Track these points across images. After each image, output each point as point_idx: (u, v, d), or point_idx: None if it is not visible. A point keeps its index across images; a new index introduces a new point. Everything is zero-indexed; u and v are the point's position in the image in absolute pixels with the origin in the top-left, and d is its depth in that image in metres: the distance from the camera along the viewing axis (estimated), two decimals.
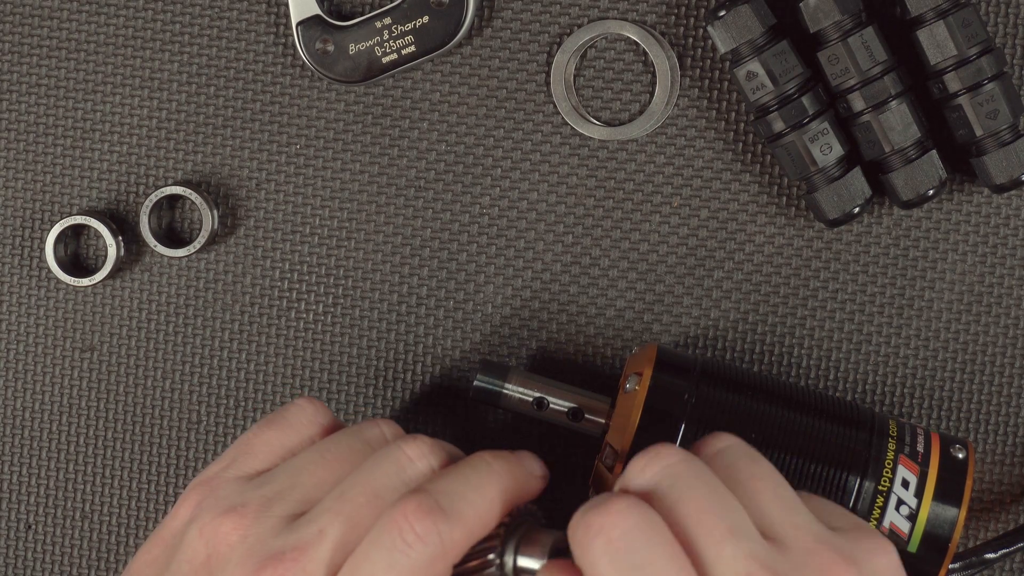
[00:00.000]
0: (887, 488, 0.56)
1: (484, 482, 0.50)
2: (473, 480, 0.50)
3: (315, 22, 0.62)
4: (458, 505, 0.49)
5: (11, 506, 0.66)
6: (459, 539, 0.49)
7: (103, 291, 0.65)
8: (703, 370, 0.58)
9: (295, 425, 0.55)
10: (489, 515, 0.50)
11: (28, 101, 0.65)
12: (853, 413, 0.58)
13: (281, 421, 0.55)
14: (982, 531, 0.63)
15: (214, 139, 0.64)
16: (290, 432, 0.55)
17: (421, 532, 0.48)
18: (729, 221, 0.63)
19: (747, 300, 0.63)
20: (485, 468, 0.51)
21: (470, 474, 0.51)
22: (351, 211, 0.64)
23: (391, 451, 0.52)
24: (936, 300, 0.63)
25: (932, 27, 0.58)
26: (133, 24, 0.64)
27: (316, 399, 0.57)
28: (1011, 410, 0.63)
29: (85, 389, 0.65)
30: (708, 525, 0.47)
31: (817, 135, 0.59)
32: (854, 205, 0.60)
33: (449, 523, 0.49)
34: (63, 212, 0.65)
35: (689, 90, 0.63)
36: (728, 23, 0.59)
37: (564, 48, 0.63)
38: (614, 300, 0.64)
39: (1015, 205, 0.63)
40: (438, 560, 0.49)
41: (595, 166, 0.63)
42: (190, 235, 0.65)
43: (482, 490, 0.50)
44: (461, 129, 0.64)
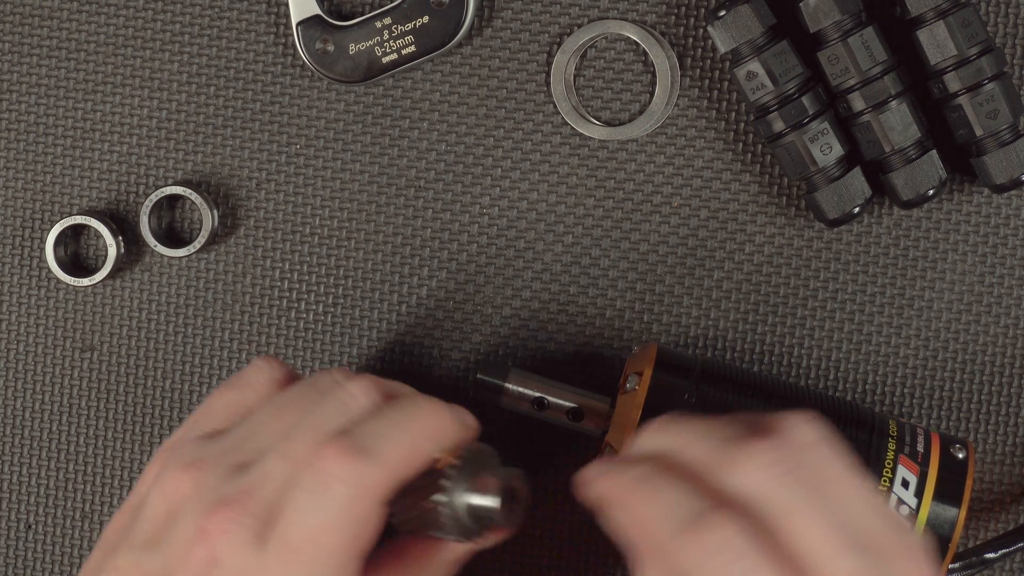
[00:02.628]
0: (887, 488, 0.56)
1: (408, 421, 0.51)
2: (396, 419, 0.51)
3: (315, 22, 0.62)
4: (378, 444, 0.50)
5: (11, 506, 0.66)
6: (379, 478, 0.49)
7: (103, 291, 0.65)
8: (703, 370, 0.58)
9: (253, 384, 0.57)
10: (413, 454, 0.50)
11: (28, 101, 0.65)
12: (853, 413, 0.58)
13: (239, 382, 0.57)
14: (982, 531, 0.63)
15: (214, 139, 0.64)
16: (248, 391, 0.56)
17: (339, 473, 0.49)
18: (729, 221, 0.63)
19: (747, 300, 0.63)
20: (411, 407, 0.51)
21: (394, 414, 0.51)
22: (351, 211, 0.64)
23: (335, 391, 0.53)
24: (936, 300, 0.63)
25: (932, 27, 0.58)
26: (133, 24, 0.64)
27: (273, 357, 0.57)
28: (1011, 410, 0.63)
29: (85, 389, 0.65)
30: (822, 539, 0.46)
31: (817, 135, 0.59)
32: (854, 205, 0.60)
33: (368, 462, 0.49)
34: (63, 212, 0.65)
35: (689, 90, 0.63)
36: (728, 23, 0.59)
37: (564, 48, 0.63)
38: (614, 300, 0.64)
39: (1015, 205, 0.63)
40: (358, 500, 0.49)
41: (595, 166, 0.63)
42: (190, 235, 0.65)
43: (406, 429, 0.51)
44: (461, 129, 0.64)
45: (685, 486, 0.47)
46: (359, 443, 0.50)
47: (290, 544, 0.49)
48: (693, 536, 0.45)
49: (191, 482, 0.52)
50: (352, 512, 0.49)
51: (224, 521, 0.50)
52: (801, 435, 0.48)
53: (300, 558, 0.49)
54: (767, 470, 0.47)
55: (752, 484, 0.46)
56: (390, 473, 0.50)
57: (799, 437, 0.48)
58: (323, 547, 0.49)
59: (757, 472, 0.47)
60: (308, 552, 0.49)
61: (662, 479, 0.47)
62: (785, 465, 0.47)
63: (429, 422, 0.51)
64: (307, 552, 0.49)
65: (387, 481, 0.50)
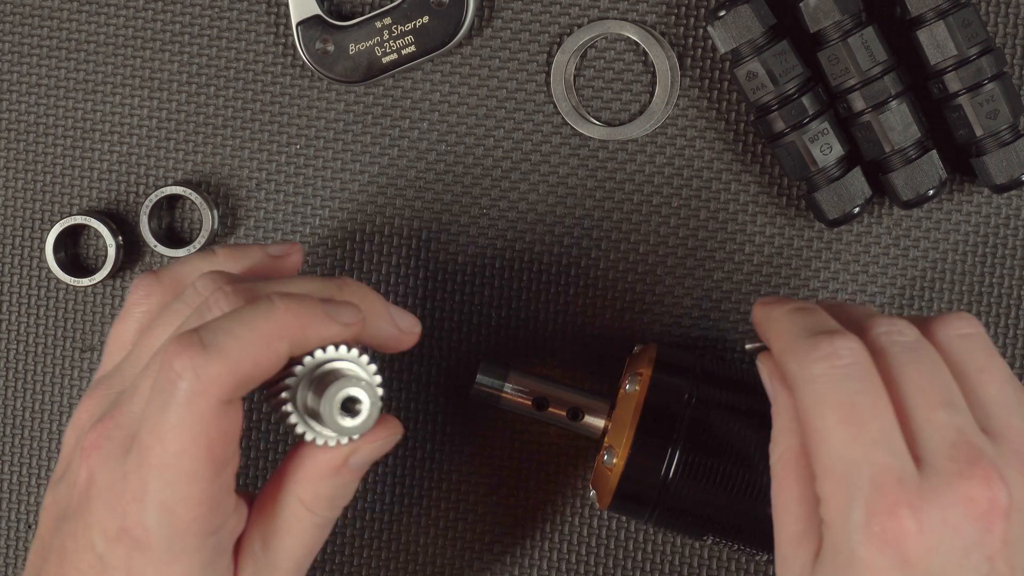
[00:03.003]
0: None
1: (259, 320, 0.50)
2: (246, 317, 0.50)
3: (315, 22, 0.62)
4: (220, 340, 0.49)
5: (11, 506, 0.66)
6: (219, 372, 0.49)
7: (103, 291, 0.65)
8: (703, 370, 0.58)
9: (130, 309, 0.57)
10: (259, 350, 0.49)
11: (28, 101, 0.65)
12: None
13: (122, 313, 0.57)
14: None
15: (214, 139, 0.64)
16: (129, 319, 0.57)
17: (178, 368, 0.49)
18: (729, 221, 0.63)
19: (747, 300, 0.63)
20: (265, 305, 0.50)
21: (245, 311, 0.50)
22: (351, 211, 0.64)
23: (199, 304, 0.53)
24: (936, 300, 0.63)
25: (932, 27, 0.58)
26: (133, 24, 0.64)
27: (148, 272, 0.57)
28: None
29: (85, 389, 0.65)
30: (926, 393, 0.49)
31: (817, 135, 0.59)
32: (854, 205, 0.60)
33: (206, 357, 0.49)
34: (63, 212, 0.65)
35: (689, 90, 0.63)
36: (728, 23, 0.59)
37: (564, 48, 0.63)
38: (614, 300, 0.64)
39: (1015, 205, 0.63)
40: (199, 396, 0.49)
41: (595, 166, 0.63)
42: (190, 235, 0.65)
43: (252, 325, 0.50)
44: (461, 129, 0.64)
45: (820, 313, 0.52)
46: (202, 339, 0.49)
47: (143, 449, 0.50)
48: (813, 344, 0.49)
49: (86, 412, 0.54)
50: (194, 409, 0.49)
51: (96, 438, 0.51)
52: (962, 326, 0.52)
53: (152, 462, 0.49)
54: (903, 339, 0.50)
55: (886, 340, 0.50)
56: (232, 369, 0.49)
57: (959, 328, 0.52)
58: (170, 448, 0.49)
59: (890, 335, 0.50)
60: (158, 455, 0.49)
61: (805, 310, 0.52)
62: (921, 343, 0.50)
63: (284, 319, 0.50)
64: (157, 455, 0.49)
65: (229, 377, 0.49)
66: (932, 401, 0.48)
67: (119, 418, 0.52)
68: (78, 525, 0.52)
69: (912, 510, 0.46)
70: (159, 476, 0.49)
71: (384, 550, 0.65)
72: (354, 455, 0.52)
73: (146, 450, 0.49)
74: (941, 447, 0.48)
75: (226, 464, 0.50)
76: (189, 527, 0.50)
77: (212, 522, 0.50)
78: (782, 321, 0.52)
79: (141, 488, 0.50)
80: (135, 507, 0.50)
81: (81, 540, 0.51)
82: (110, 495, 0.50)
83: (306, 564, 0.54)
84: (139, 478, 0.50)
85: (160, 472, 0.49)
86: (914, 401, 0.48)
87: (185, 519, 0.50)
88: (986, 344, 0.51)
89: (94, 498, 0.51)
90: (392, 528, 0.65)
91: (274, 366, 0.50)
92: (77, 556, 0.52)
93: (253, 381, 0.50)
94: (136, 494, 0.50)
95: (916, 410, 0.48)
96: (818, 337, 0.49)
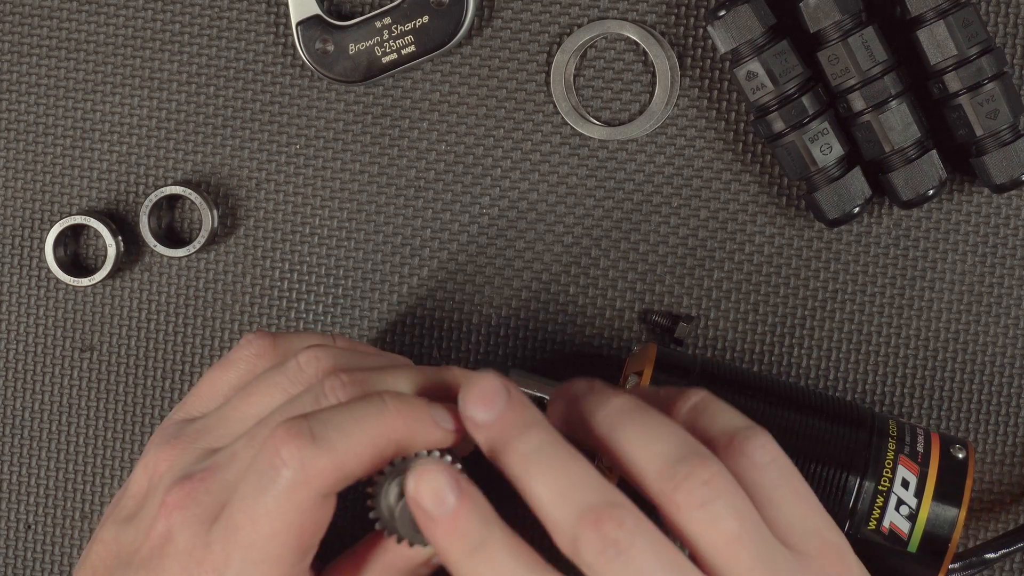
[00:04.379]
0: (887, 488, 0.56)
1: (369, 417, 0.50)
2: (358, 413, 0.50)
3: (315, 22, 0.62)
4: (331, 434, 0.49)
5: (11, 506, 0.66)
6: (325, 467, 0.48)
7: (103, 291, 0.65)
8: (703, 370, 0.58)
9: (236, 362, 0.57)
10: (366, 450, 0.49)
11: (28, 101, 0.65)
12: (853, 413, 0.58)
13: (225, 362, 0.57)
14: (982, 531, 0.63)
15: (214, 139, 0.64)
16: (232, 370, 0.57)
17: (285, 456, 0.48)
18: (729, 221, 0.63)
19: (747, 300, 0.63)
20: (377, 404, 0.50)
21: (357, 408, 0.50)
22: (351, 211, 0.64)
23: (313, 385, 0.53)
24: (936, 300, 0.63)
25: (932, 27, 0.58)
26: (133, 24, 0.64)
27: (262, 331, 0.57)
28: (1011, 410, 0.63)
29: (85, 389, 0.65)
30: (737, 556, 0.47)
31: (817, 135, 0.59)
32: (854, 205, 0.60)
33: (315, 449, 0.48)
34: (63, 212, 0.65)
35: (689, 90, 0.63)
36: (728, 23, 0.59)
37: (564, 48, 0.63)
38: (614, 300, 0.64)
39: (1015, 205, 0.63)
40: (301, 486, 0.48)
41: (595, 166, 0.63)
42: (190, 235, 0.65)
43: (364, 424, 0.49)
44: (461, 129, 0.64)
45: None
46: (312, 429, 0.49)
47: (233, 525, 0.49)
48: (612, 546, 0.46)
49: (167, 460, 0.53)
50: (294, 497, 0.49)
51: (182, 497, 0.51)
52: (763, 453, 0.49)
53: (239, 540, 0.49)
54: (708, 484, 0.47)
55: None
56: (337, 464, 0.49)
57: (761, 455, 0.49)
58: (262, 530, 0.49)
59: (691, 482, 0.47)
60: (247, 534, 0.49)
61: None
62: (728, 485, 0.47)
63: (392, 421, 0.50)
64: (246, 534, 0.49)
65: (333, 472, 0.49)
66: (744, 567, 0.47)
67: (210, 483, 0.51)
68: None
69: None
70: (244, 555, 0.49)
71: None
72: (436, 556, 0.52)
73: (236, 527, 0.49)
74: None
75: (310, 551, 0.50)
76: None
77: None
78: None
79: (223, 562, 0.49)
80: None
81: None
82: (188, 560, 0.50)
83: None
84: (223, 551, 0.49)
85: (247, 551, 0.49)
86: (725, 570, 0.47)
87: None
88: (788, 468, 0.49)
89: (169, 556, 0.51)
90: None
91: (378, 466, 0.50)
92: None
93: (355, 477, 0.50)
94: (216, 566, 0.49)
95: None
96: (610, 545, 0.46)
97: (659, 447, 0.47)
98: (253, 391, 0.54)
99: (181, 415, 0.56)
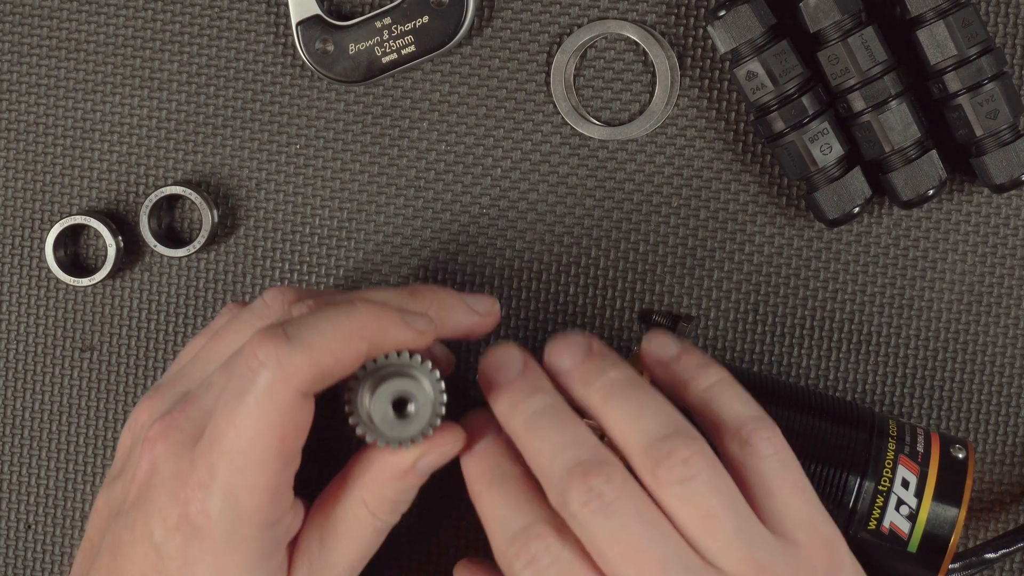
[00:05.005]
0: (887, 488, 0.56)
1: (340, 317, 0.51)
2: (330, 315, 0.51)
3: (315, 22, 0.62)
4: (304, 333, 0.50)
5: (11, 506, 0.66)
6: (301, 364, 0.50)
7: (103, 291, 0.65)
8: None
9: (214, 329, 0.59)
10: (339, 346, 0.50)
11: (28, 101, 0.65)
12: (853, 413, 0.58)
13: (205, 330, 0.59)
14: (982, 531, 0.63)
15: (214, 139, 0.64)
16: (208, 335, 0.58)
17: (262, 356, 0.50)
18: (729, 221, 0.63)
19: (747, 300, 0.63)
20: (347, 306, 0.52)
21: (328, 310, 0.51)
22: (351, 211, 0.64)
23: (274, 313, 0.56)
24: (936, 300, 0.63)
25: (932, 27, 0.58)
26: (133, 24, 0.64)
27: (237, 302, 0.59)
28: (1011, 410, 0.63)
29: (85, 389, 0.65)
30: (713, 532, 0.49)
31: (817, 135, 0.59)
32: (854, 205, 0.60)
33: (290, 348, 0.50)
34: (63, 212, 0.65)
35: (689, 90, 0.63)
36: (728, 23, 0.59)
37: (564, 48, 0.63)
38: (614, 300, 0.64)
39: (1015, 205, 0.63)
40: (280, 384, 0.49)
41: (595, 166, 0.63)
42: (190, 235, 0.65)
43: (336, 322, 0.51)
44: (461, 129, 0.64)
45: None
46: (286, 331, 0.50)
47: (216, 435, 0.50)
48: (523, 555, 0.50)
49: (147, 411, 0.55)
50: (273, 396, 0.50)
51: (163, 428, 0.52)
52: (764, 444, 0.52)
53: (223, 448, 0.50)
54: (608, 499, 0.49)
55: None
56: (314, 361, 0.50)
57: (763, 447, 0.52)
58: (244, 434, 0.50)
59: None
60: (230, 441, 0.50)
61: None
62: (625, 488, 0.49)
63: (364, 320, 0.51)
64: (230, 441, 0.50)
65: (310, 369, 0.50)
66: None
67: (190, 411, 0.53)
68: (136, 516, 0.52)
69: None
70: (229, 462, 0.50)
71: (387, 554, 0.65)
72: (422, 459, 0.52)
73: (219, 435, 0.50)
74: None
75: (293, 459, 0.51)
76: (251, 516, 0.51)
77: (273, 514, 0.51)
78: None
79: (208, 474, 0.50)
80: (199, 493, 0.50)
81: (139, 530, 0.52)
82: (174, 482, 0.51)
83: (359, 568, 0.55)
84: (207, 463, 0.50)
85: (231, 458, 0.50)
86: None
87: (248, 507, 0.50)
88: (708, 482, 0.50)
89: (156, 487, 0.52)
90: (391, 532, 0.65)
91: (352, 364, 0.51)
92: (133, 547, 0.52)
93: (331, 377, 0.51)
94: (202, 480, 0.50)
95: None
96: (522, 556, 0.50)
97: (646, 424, 0.50)
98: (224, 333, 0.56)
99: (161, 381, 0.58)
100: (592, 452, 0.49)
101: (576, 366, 0.52)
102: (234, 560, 0.51)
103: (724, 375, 0.53)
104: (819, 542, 0.50)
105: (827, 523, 0.51)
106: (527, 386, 0.52)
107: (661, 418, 0.50)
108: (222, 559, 0.51)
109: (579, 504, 0.48)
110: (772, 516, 0.50)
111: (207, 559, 0.51)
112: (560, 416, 0.51)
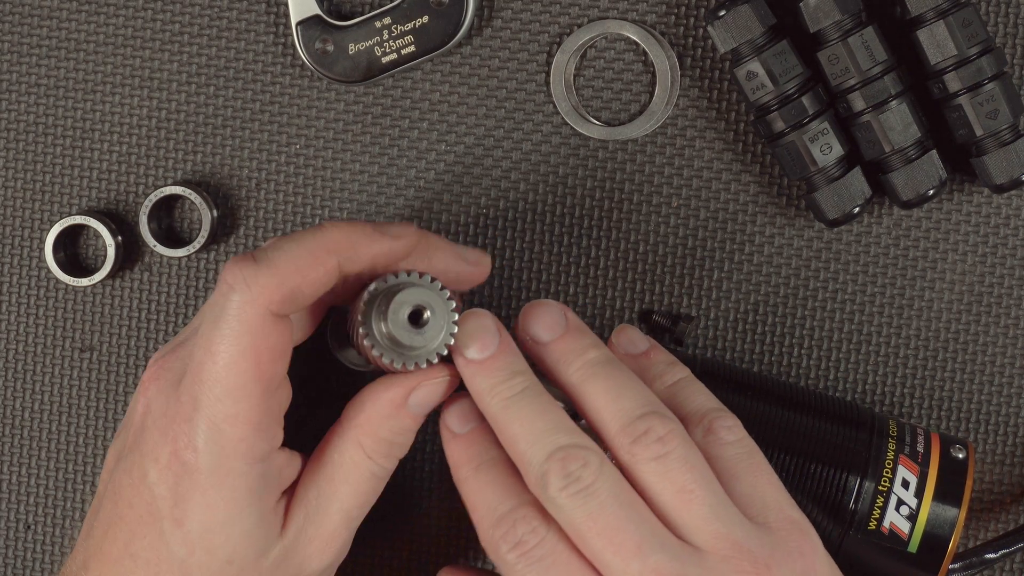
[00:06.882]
0: (887, 488, 0.56)
1: (307, 236, 0.52)
2: (296, 236, 0.52)
3: (315, 22, 0.62)
4: (271, 254, 0.51)
5: (11, 506, 0.66)
6: (268, 282, 0.50)
7: (103, 291, 0.65)
8: (702, 370, 0.58)
9: None
10: (306, 263, 0.51)
11: (28, 101, 0.65)
12: (853, 413, 0.58)
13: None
14: (982, 531, 0.63)
15: (214, 139, 0.64)
16: None
17: (230, 279, 0.50)
18: (729, 221, 0.63)
19: (747, 300, 0.63)
20: (314, 228, 0.52)
21: (297, 233, 0.52)
22: (351, 211, 0.64)
23: None
24: (936, 300, 0.63)
25: (932, 27, 0.58)
26: (133, 24, 0.64)
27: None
28: (1011, 410, 0.63)
29: (85, 389, 0.65)
30: (689, 507, 0.50)
31: (817, 135, 0.59)
32: (854, 205, 0.60)
33: (255, 268, 0.50)
34: (63, 212, 0.65)
35: (689, 90, 0.63)
36: (728, 23, 0.59)
37: (564, 48, 0.63)
38: (614, 300, 0.64)
39: (1015, 205, 0.63)
40: (248, 305, 0.50)
41: (595, 166, 0.63)
42: (190, 235, 0.65)
43: (302, 242, 0.51)
44: (461, 129, 0.64)
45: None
46: (254, 255, 0.51)
47: (195, 367, 0.51)
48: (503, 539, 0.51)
49: (151, 369, 0.55)
50: (243, 317, 0.50)
51: (155, 371, 0.53)
52: (731, 434, 0.53)
53: (203, 379, 0.51)
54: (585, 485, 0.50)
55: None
56: (280, 279, 0.50)
57: (727, 435, 0.53)
58: (220, 360, 0.50)
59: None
60: (208, 370, 0.50)
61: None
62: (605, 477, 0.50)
63: (331, 235, 0.52)
64: (208, 370, 0.51)
65: (278, 287, 0.50)
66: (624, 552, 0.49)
67: (179, 352, 0.53)
68: (133, 459, 0.53)
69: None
70: (209, 391, 0.50)
71: (386, 548, 0.65)
72: (415, 392, 0.53)
73: (199, 367, 0.51)
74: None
75: (274, 387, 0.51)
76: (236, 447, 0.51)
77: (259, 447, 0.51)
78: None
79: (192, 407, 0.51)
80: (185, 427, 0.51)
81: (136, 473, 0.53)
82: (164, 420, 0.52)
83: (357, 518, 0.55)
84: (191, 397, 0.51)
85: (210, 387, 0.50)
86: (607, 558, 0.49)
87: (232, 438, 0.51)
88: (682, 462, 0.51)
89: (148, 427, 0.52)
90: (393, 534, 0.65)
91: (322, 280, 0.51)
92: (131, 491, 0.53)
93: (302, 295, 0.51)
94: (187, 413, 0.51)
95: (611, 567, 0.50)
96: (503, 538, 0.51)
97: (623, 403, 0.51)
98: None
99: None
100: (570, 437, 0.50)
101: (555, 341, 0.53)
102: (222, 496, 0.51)
103: (689, 374, 0.55)
104: (789, 524, 0.51)
105: (795, 508, 0.52)
106: (504, 367, 0.52)
107: (638, 398, 0.51)
108: (210, 494, 0.51)
109: (557, 488, 0.49)
110: (741, 500, 0.51)
111: (196, 496, 0.51)
112: (538, 400, 0.51)
